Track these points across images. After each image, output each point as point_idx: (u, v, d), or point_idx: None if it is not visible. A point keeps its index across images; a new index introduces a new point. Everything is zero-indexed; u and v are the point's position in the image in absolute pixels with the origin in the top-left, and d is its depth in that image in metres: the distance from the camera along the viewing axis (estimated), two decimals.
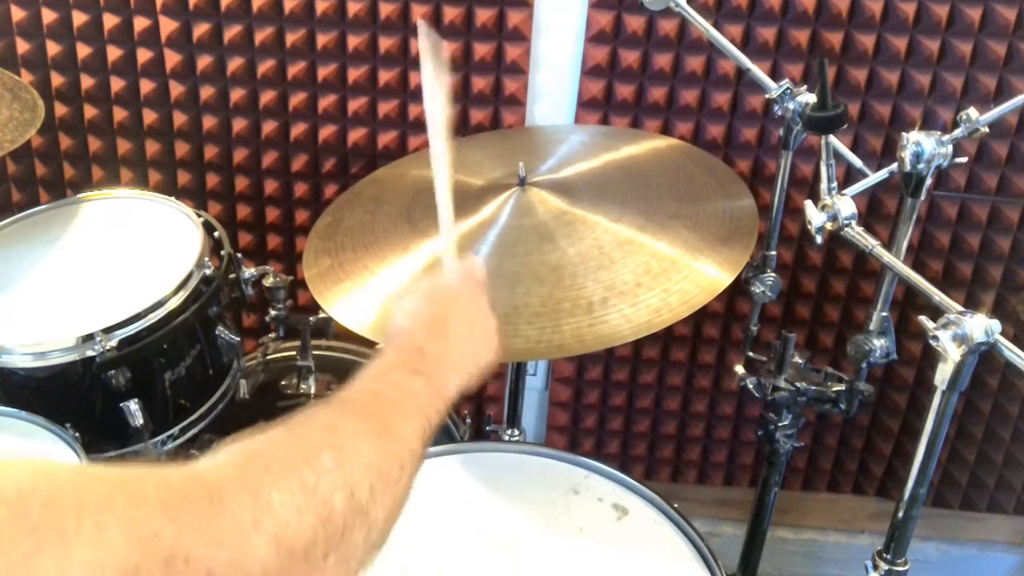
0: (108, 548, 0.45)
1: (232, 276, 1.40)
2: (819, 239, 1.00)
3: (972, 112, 1.02)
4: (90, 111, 1.69)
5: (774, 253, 1.31)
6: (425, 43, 0.95)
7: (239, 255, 1.43)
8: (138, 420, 1.24)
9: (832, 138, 1.02)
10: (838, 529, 2.01)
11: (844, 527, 2.00)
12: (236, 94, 1.64)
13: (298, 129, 1.67)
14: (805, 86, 1.15)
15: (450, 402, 0.78)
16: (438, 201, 0.95)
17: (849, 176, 1.49)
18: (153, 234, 1.39)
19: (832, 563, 2.03)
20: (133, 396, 1.23)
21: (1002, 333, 0.84)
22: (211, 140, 1.70)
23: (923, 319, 0.87)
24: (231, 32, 1.59)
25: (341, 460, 0.59)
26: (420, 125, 1.64)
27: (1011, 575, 2.01)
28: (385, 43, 1.57)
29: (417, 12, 1.54)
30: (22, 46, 1.64)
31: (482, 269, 0.93)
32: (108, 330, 1.19)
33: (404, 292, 0.90)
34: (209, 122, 1.68)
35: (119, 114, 1.69)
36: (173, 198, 1.44)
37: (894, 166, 1.05)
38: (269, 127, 1.67)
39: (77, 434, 1.18)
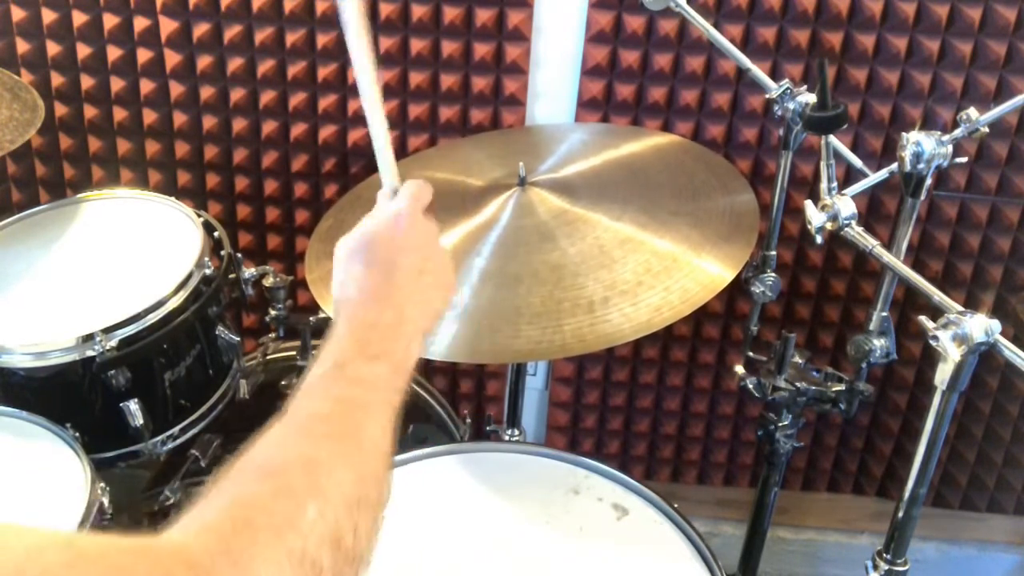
0: None
1: (232, 276, 1.40)
2: (819, 239, 1.00)
3: (972, 112, 1.02)
4: (90, 111, 1.69)
5: (774, 253, 1.31)
6: None
7: (239, 255, 1.43)
8: (138, 420, 1.24)
9: (832, 138, 1.02)
10: (838, 529, 2.01)
11: (844, 527, 2.00)
12: (236, 94, 1.64)
13: (298, 129, 1.67)
14: (805, 86, 1.15)
15: (412, 369, 0.74)
16: (369, 118, 0.87)
17: (849, 176, 1.49)
18: (153, 234, 1.39)
19: (832, 563, 2.03)
20: (133, 396, 1.24)
21: (1002, 333, 0.84)
22: (211, 140, 1.70)
23: (923, 319, 0.87)
24: (231, 32, 1.59)
25: (324, 509, 0.57)
26: (420, 125, 1.64)
27: (1011, 575, 2.01)
28: (385, 43, 1.57)
29: (417, 12, 1.54)
30: (22, 46, 1.64)
31: (426, 189, 0.84)
32: (108, 330, 1.19)
33: (342, 246, 0.81)
34: (209, 122, 1.68)
35: (119, 114, 1.69)
36: (173, 198, 1.44)
37: (894, 166, 1.05)
38: (269, 127, 1.67)
39: (77, 434, 1.18)
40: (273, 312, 1.51)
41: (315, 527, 0.56)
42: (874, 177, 1.21)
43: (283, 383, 1.53)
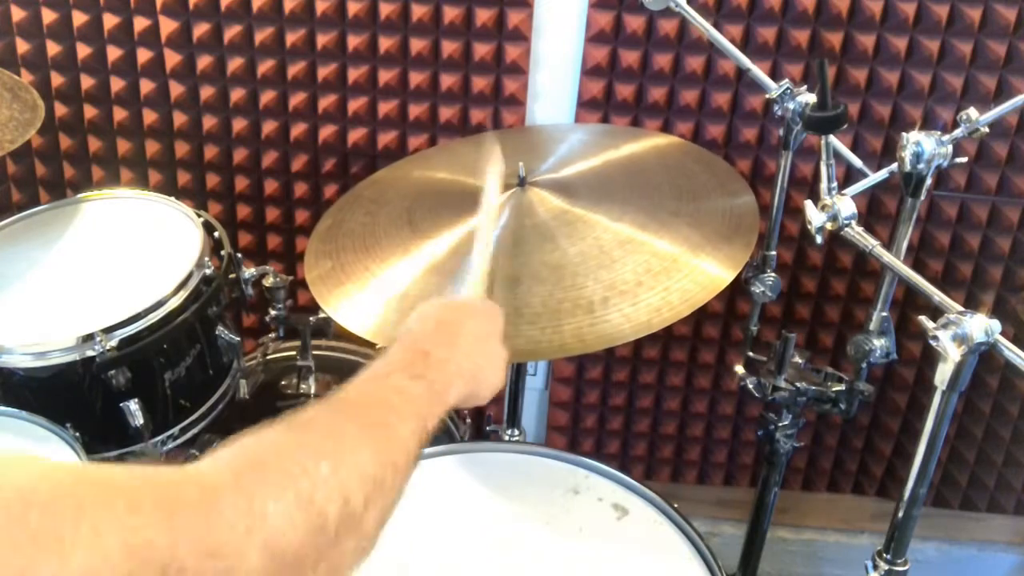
0: (104, 557, 0.45)
1: (232, 276, 1.40)
2: (819, 239, 1.00)
3: (972, 112, 1.02)
4: (90, 111, 1.69)
5: (774, 253, 1.31)
6: (493, 154, 1.13)
7: (239, 255, 1.43)
8: (138, 420, 1.24)
9: (832, 138, 1.02)
10: (838, 529, 2.01)
11: (844, 527, 2.00)
12: (236, 94, 1.64)
13: (298, 129, 1.67)
14: (805, 86, 1.15)
15: (449, 408, 0.78)
16: (476, 248, 1.03)
17: (849, 176, 1.49)
18: (153, 234, 1.38)
19: (832, 563, 2.03)
20: (133, 396, 1.23)
21: (1002, 333, 0.84)
22: (211, 140, 1.70)
23: (923, 319, 0.87)
24: (231, 32, 1.59)
25: (338, 468, 0.59)
26: (420, 125, 1.64)
27: (1011, 575, 2.01)
28: (385, 43, 1.57)
29: (417, 12, 1.54)
30: (22, 46, 1.64)
31: (501, 313, 0.95)
32: (108, 330, 1.19)
33: (427, 303, 0.91)
34: (209, 122, 1.68)
35: (119, 114, 1.69)
36: (173, 198, 1.44)
37: (894, 166, 1.05)
38: (269, 127, 1.67)
39: (77, 434, 1.18)
40: (273, 312, 1.50)
41: (327, 481, 0.57)
42: (874, 177, 1.21)
43: (283, 383, 1.53)
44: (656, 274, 1.10)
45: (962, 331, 0.83)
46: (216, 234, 1.39)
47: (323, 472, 0.57)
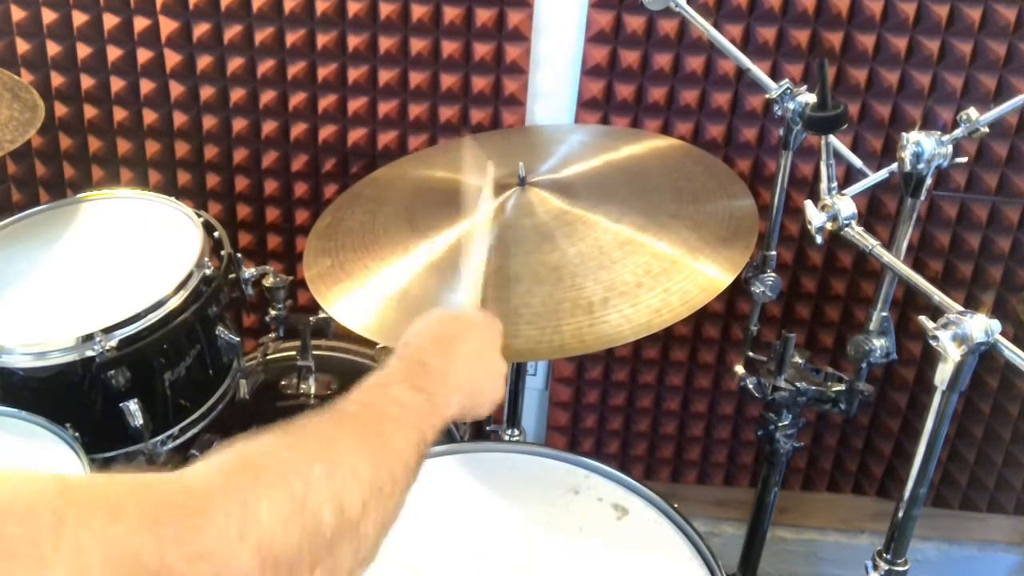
0: (87, 570, 0.44)
1: (232, 276, 1.40)
2: (819, 239, 1.00)
3: (972, 112, 1.01)
4: (90, 111, 1.69)
5: (774, 253, 1.31)
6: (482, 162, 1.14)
7: (239, 255, 1.43)
8: (138, 420, 1.24)
9: (832, 138, 1.02)
10: (838, 529, 2.01)
11: (844, 527, 2.00)
12: (236, 94, 1.64)
13: (298, 129, 1.67)
14: (805, 86, 1.15)
15: (448, 421, 0.78)
16: (471, 258, 1.03)
17: (849, 176, 1.49)
18: (153, 234, 1.38)
19: (832, 563, 2.04)
20: (133, 396, 1.23)
21: (1002, 333, 0.84)
22: (211, 140, 1.70)
23: (923, 319, 0.87)
24: (231, 32, 1.59)
25: (332, 473, 0.58)
26: (420, 125, 1.64)
27: (1011, 575, 2.01)
28: (385, 43, 1.57)
29: (417, 12, 1.54)
30: (22, 46, 1.64)
31: (500, 326, 0.95)
32: (108, 330, 1.19)
33: (428, 313, 0.91)
34: (209, 122, 1.68)
35: (119, 114, 1.69)
36: (173, 198, 1.44)
37: (894, 166, 1.05)
38: (269, 127, 1.67)
39: (77, 434, 1.18)
40: (273, 312, 1.50)
41: (321, 484, 0.56)
42: (874, 177, 1.21)
43: (283, 383, 1.53)
44: (656, 275, 1.10)
45: (962, 331, 0.83)
46: (216, 234, 1.39)
47: (316, 474, 0.56)
